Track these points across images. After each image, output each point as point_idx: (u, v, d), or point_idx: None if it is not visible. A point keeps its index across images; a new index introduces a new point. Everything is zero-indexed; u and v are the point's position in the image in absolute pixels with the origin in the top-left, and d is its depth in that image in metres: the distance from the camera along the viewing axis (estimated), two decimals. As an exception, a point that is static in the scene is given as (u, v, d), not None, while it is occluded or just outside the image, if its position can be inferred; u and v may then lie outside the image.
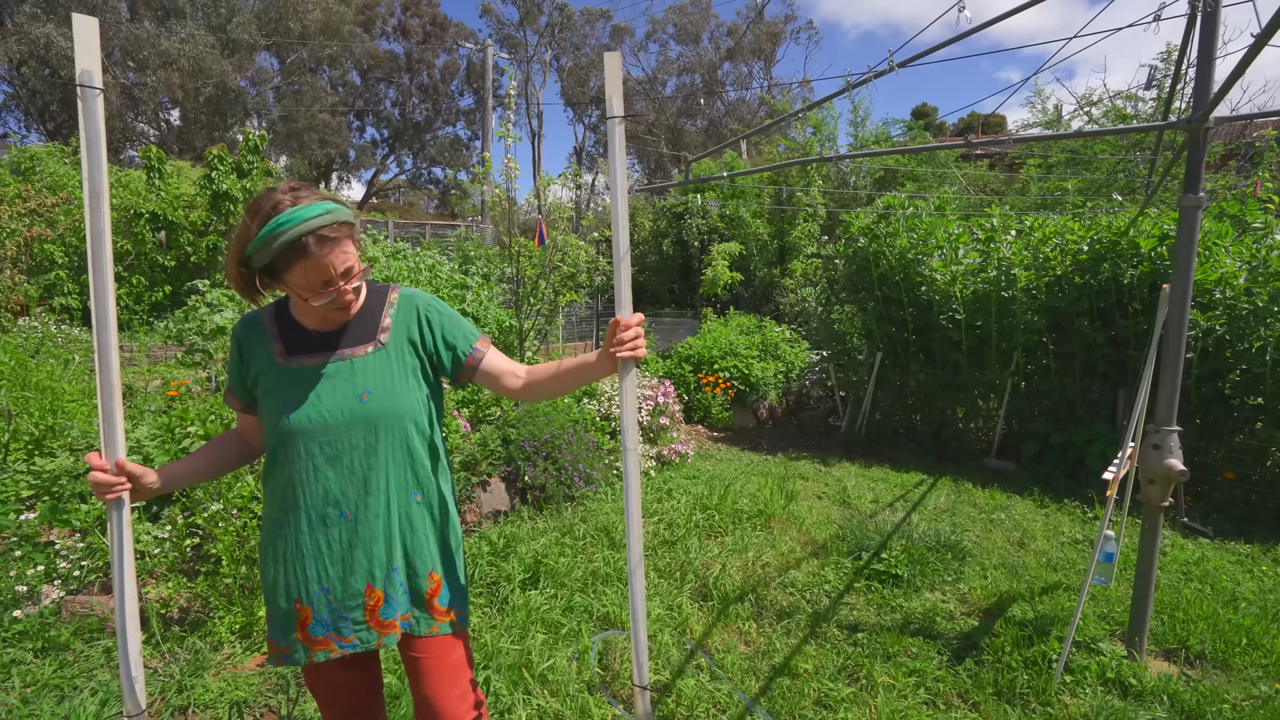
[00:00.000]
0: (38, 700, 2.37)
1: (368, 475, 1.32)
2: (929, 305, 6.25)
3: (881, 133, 13.21)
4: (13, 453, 3.47)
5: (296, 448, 1.30)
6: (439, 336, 1.42)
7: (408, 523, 1.37)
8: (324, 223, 1.21)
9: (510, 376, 1.45)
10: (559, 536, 3.68)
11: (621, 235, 1.33)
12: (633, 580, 1.39)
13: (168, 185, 9.93)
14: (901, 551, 3.57)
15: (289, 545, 1.33)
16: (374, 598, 1.33)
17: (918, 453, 6.36)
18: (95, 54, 1.22)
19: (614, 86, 1.31)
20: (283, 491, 1.33)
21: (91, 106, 1.21)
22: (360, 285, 1.32)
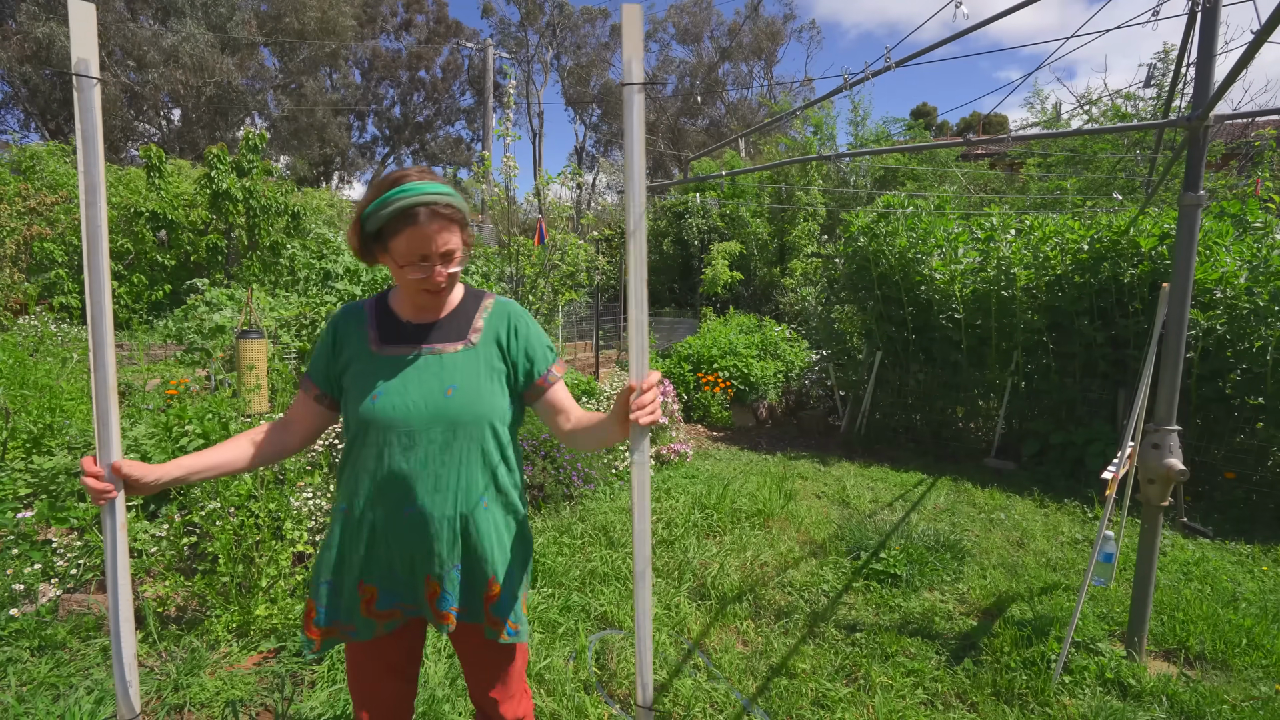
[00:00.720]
0: (33, 698, 2.37)
1: (440, 472, 1.32)
2: (929, 304, 6.24)
3: (881, 132, 13.19)
4: (10, 451, 3.47)
5: (375, 435, 1.31)
6: (523, 347, 1.42)
7: (474, 526, 1.36)
8: (440, 200, 1.25)
9: (566, 416, 1.45)
10: (557, 535, 3.67)
11: (636, 206, 1.26)
12: (639, 599, 1.35)
13: (168, 184, 9.93)
14: (900, 551, 3.56)
15: (356, 530, 1.34)
16: (431, 588, 1.35)
17: (917, 452, 6.35)
18: (92, 42, 1.17)
19: (634, 48, 1.18)
20: (356, 478, 1.34)
21: (88, 98, 1.17)
22: (454, 275, 1.33)
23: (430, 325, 1.40)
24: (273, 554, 2.89)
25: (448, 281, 1.33)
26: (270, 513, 2.95)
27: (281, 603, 2.84)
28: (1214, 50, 2.31)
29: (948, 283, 6.04)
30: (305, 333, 5.26)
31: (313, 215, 10.86)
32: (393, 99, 32.69)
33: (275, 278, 9.32)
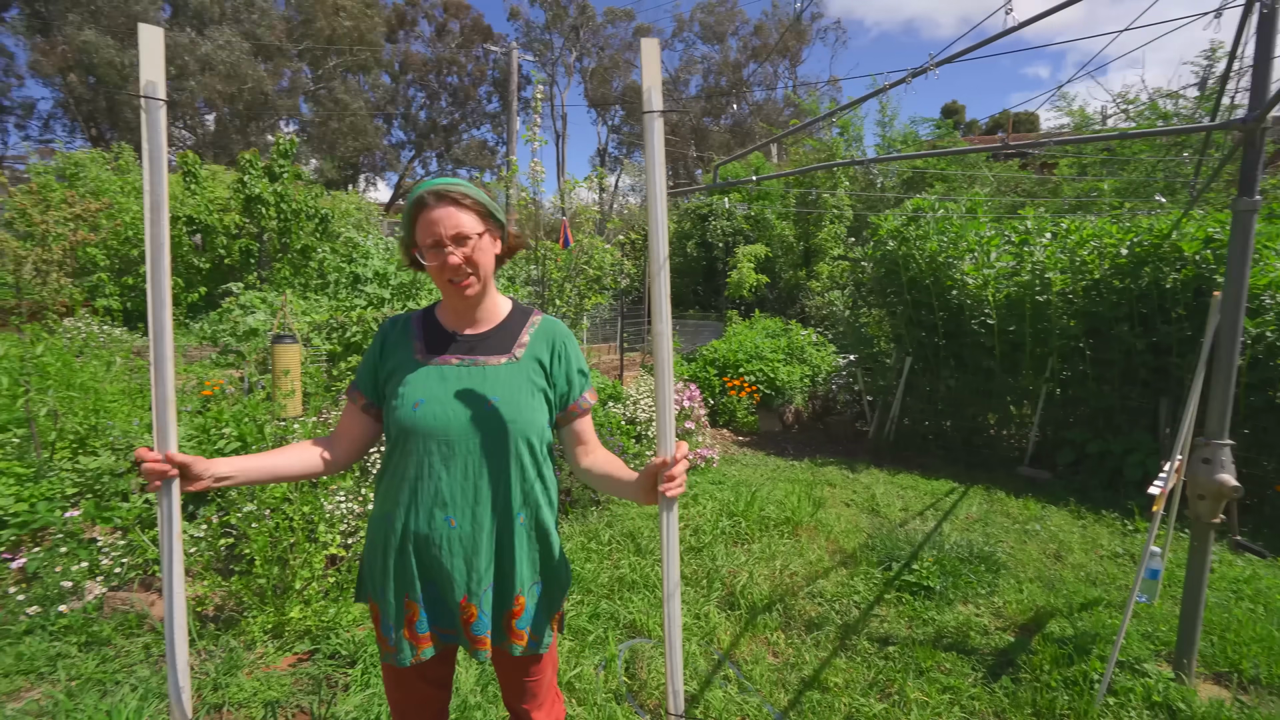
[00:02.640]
0: (81, 694, 2.44)
1: (479, 484, 1.33)
2: (960, 309, 6.12)
3: (910, 133, 12.99)
4: (59, 451, 3.57)
5: (416, 443, 1.32)
6: (565, 370, 1.44)
7: (509, 540, 1.37)
8: (446, 186, 1.30)
9: (586, 449, 1.48)
10: (585, 542, 3.67)
11: (660, 239, 1.27)
12: (669, 608, 1.34)
13: (203, 189, 10.18)
14: (933, 563, 3.49)
15: (397, 541, 1.34)
16: (469, 612, 1.35)
17: (948, 460, 6.23)
18: (160, 65, 1.20)
19: (652, 78, 1.22)
20: (397, 485, 1.35)
21: (155, 118, 1.19)
22: (477, 264, 1.33)
23: (476, 337, 1.41)
24: (307, 556, 2.93)
25: (468, 267, 1.32)
26: (304, 515, 3.00)
27: (315, 605, 2.88)
28: (1273, 51, 2.22)
29: (980, 287, 5.92)
30: (335, 336, 5.34)
31: (341, 218, 11.04)
32: (420, 102, 33.15)
33: (305, 280, 9.49)
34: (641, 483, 1.31)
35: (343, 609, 2.87)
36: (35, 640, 2.73)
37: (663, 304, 1.29)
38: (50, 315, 5.25)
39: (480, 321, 1.42)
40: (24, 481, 3.19)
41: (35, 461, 3.38)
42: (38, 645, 2.69)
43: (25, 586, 2.93)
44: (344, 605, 2.91)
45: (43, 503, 3.13)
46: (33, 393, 3.53)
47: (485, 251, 1.35)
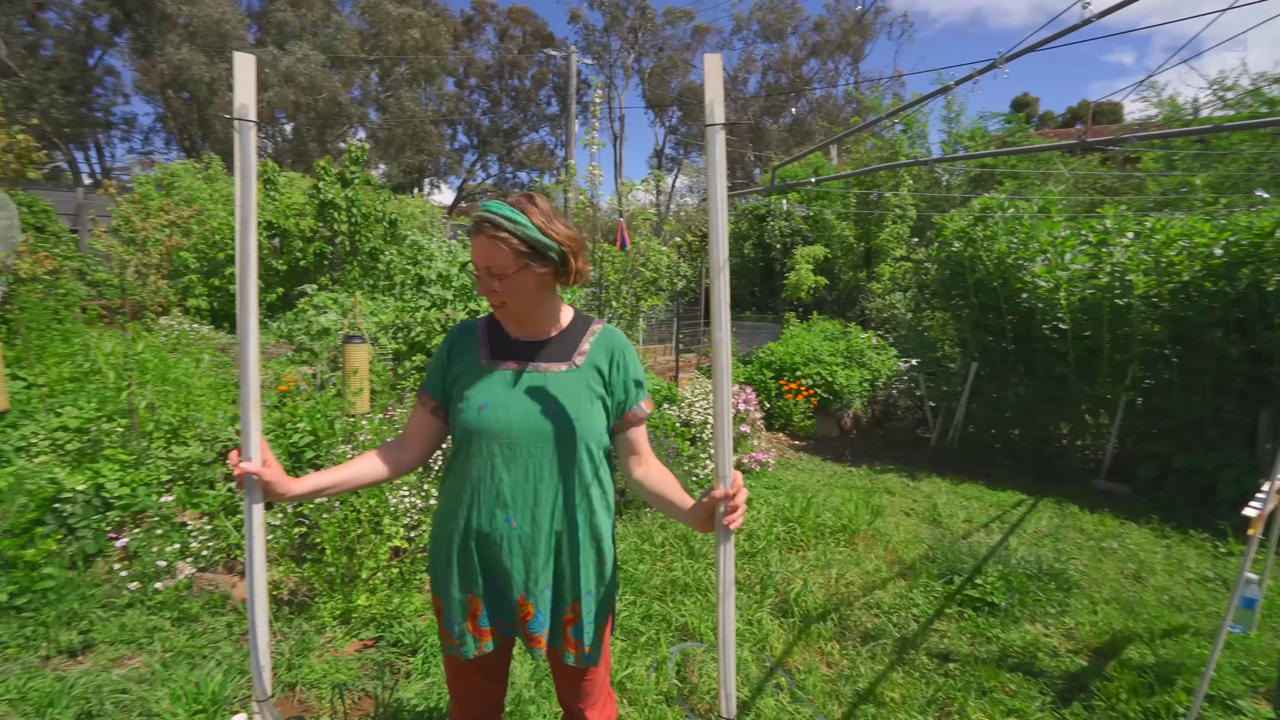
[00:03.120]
0: (174, 665, 2.63)
1: (539, 487, 1.37)
2: (1030, 313, 5.83)
3: (978, 128, 12.45)
4: (155, 440, 3.87)
5: (479, 444, 1.37)
6: (623, 379, 1.46)
7: (567, 544, 1.40)
8: (489, 216, 1.32)
9: (640, 459, 1.49)
10: (638, 543, 3.70)
11: (720, 247, 1.28)
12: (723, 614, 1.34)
13: (281, 195, 10.79)
14: (999, 578, 3.35)
15: (459, 539, 1.40)
16: (525, 610, 1.40)
17: (1015, 470, 5.95)
18: (252, 89, 1.29)
19: (715, 91, 1.24)
20: (460, 485, 1.40)
21: (246, 139, 1.28)
22: (508, 295, 1.37)
23: (538, 344, 1.45)
24: (372, 547, 3.07)
25: (499, 297, 1.37)
26: (371, 509, 3.14)
27: (380, 594, 3.01)
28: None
29: (1053, 290, 5.62)
30: (401, 336, 5.57)
31: (407, 222, 11.48)
32: (483, 108, 34.07)
33: (374, 282, 9.93)
34: (699, 512, 1.32)
35: (405, 599, 3.00)
36: (135, 613, 2.97)
37: (722, 312, 1.29)
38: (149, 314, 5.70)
39: (542, 330, 1.46)
40: (126, 468, 3.48)
41: (136, 449, 3.67)
42: (137, 618, 2.93)
43: (127, 564, 3.20)
44: (406, 596, 3.04)
45: (142, 488, 3.40)
46: (134, 386, 3.84)
47: (518, 289, 1.36)
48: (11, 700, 2.42)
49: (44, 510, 3.22)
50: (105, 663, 2.69)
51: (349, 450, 3.45)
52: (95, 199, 13.08)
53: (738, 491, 1.26)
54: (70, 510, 3.24)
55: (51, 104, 21.41)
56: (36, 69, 21.72)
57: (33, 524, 3.20)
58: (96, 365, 4.65)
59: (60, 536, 3.20)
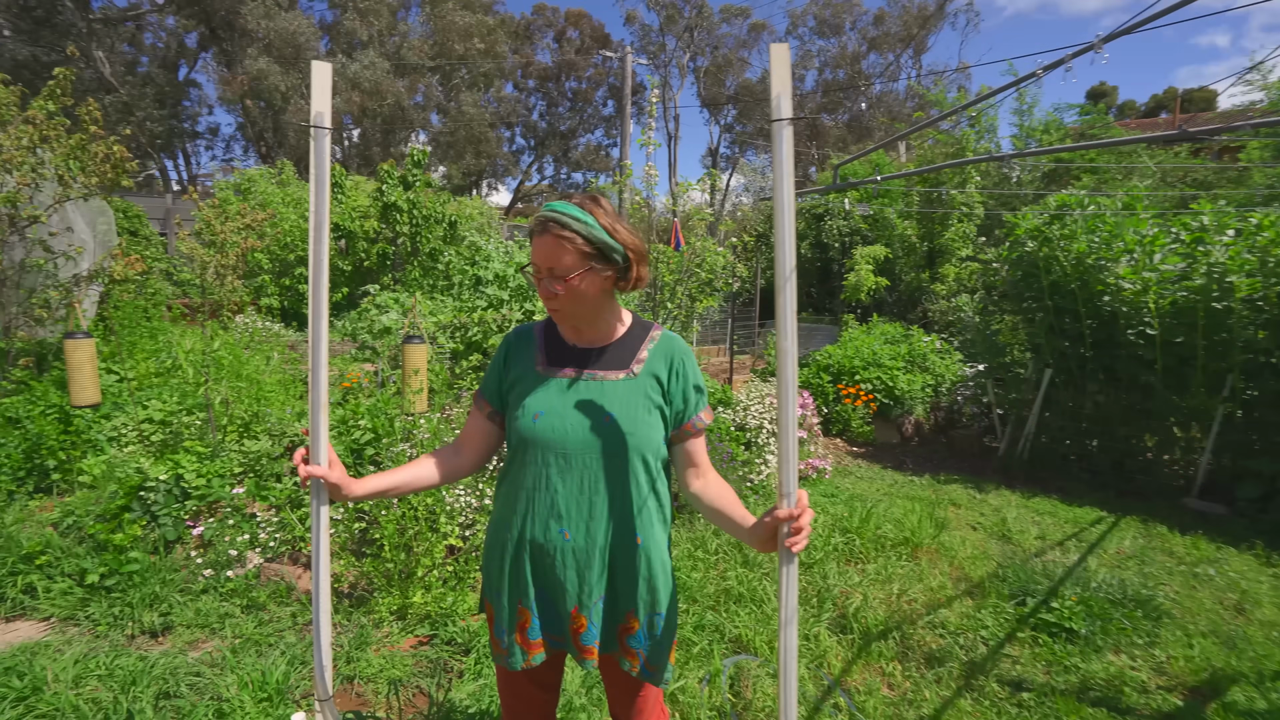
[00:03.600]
0: (243, 652, 2.75)
1: (594, 499, 1.34)
2: (1112, 317, 5.45)
3: (1052, 120, 11.78)
4: (228, 434, 4.06)
5: (534, 453, 1.35)
6: (682, 388, 1.41)
7: (623, 558, 1.37)
8: (553, 215, 1.27)
9: (698, 471, 1.44)
10: (691, 549, 3.64)
11: (788, 249, 1.19)
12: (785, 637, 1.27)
13: (347, 198, 11.22)
14: (1078, 602, 3.12)
15: (513, 549, 1.38)
16: (578, 622, 1.37)
17: (1093, 485, 5.58)
18: (328, 97, 1.29)
19: (782, 83, 1.15)
20: (514, 494, 1.38)
21: (321, 146, 1.29)
22: (568, 298, 1.32)
23: (595, 350, 1.41)
24: (429, 545, 3.13)
25: (559, 300, 1.32)
26: (428, 507, 3.20)
27: (435, 591, 3.06)
28: None
29: (1139, 293, 5.23)
30: (458, 335, 5.68)
31: (466, 223, 11.76)
32: (541, 110, 34.62)
33: (433, 282, 10.21)
34: (759, 531, 1.25)
35: (459, 598, 3.03)
36: (209, 599, 3.11)
37: (788, 320, 1.20)
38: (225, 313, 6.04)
39: (599, 336, 1.42)
40: (203, 459, 3.66)
41: (212, 442, 3.87)
42: (211, 604, 3.07)
43: (202, 551, 3.36)
44: (460, 594, 3.07)
45: (216, 479, 3.57)
46: (210, 382, 4.04)
47: (581, 292, 1.31)
48: (100, 676, 2.57)
49: (131, 497, 3.43)
50: (182, 645, 2.83)
51: (407, 448, 3.52)
52: (182, 204, 13.95)
53: (802, 512, 1.19)
54: (153, 498, 3.43)
55: (146, 116, 23.00)
56: (134, 85, 23.40)
57: (121, 510, 3.41)
58: (178, 361, 4.93)
59: (144, 523, 3.40)
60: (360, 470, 3.67)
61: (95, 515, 3.40)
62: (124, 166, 4.52)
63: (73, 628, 2.98)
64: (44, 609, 3.06)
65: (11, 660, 2.62)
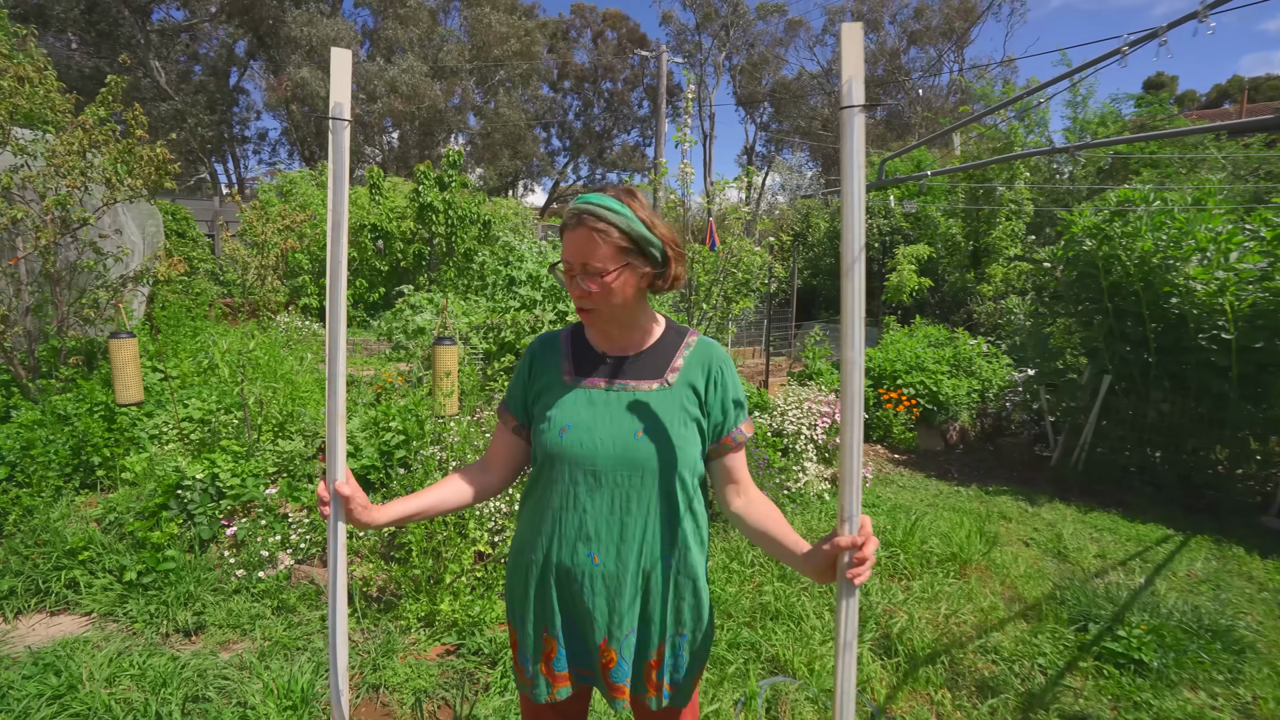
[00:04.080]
0: (271, 655, 2.73)
1: (625, 520, 1.23)
2: (1180, 320, 5.09)
3: (1109, 112, 11.21)
4: (263, 434, 4.09)
5: (561, 471, 1.25)
6: (720, 398, 1.29)
7: (656, 585, 1.26)
8: (593, 208, 1.17)
9: (739, 489, 1.32)
10: (726, 561, 3.50)
11: (856, 243, 1.06)
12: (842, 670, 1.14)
13: (385, 199, 11.39)
14: (1147, 631, 2.88)
15: (538, 572, 1.29)
16: (607, 656, 1.27)
17: (1157, 499, 5.23)
18: (348, 86, 1.20)
19: (854, 66, 1.02)
20: (540, 513, 1.29)
21: (340, 139, 1.18)
22: (603, 297, 1.21)
23: (626, 359, 1.31)
24: (457, 551, 3.07)
25: (591, 300, 1.21)
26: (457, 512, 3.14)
27: (463, 599, 3.00)
28: None
29: (1213, 295, 4.88)
30: (491, 336, 5.65)
31: (500, 223, 11.81)
32: (576, 111, 34.78)
33: (467, 282, 10.27)
34: (815, 560, 1.12)
35: (487, 606, 2.96)
36: (241, 599, 3.12)
37: (855, 326, 1.07)
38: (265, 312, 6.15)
39: (630, 343, 1.31)
40: (238, 459, 3.68)
41: (247, 442, 3.89)
42: (243, 604, 3.07)
43: (235, 551, 3.37)
44: (489, 602, 3.00)
45: (250, 479, 3.58)
46: (246, 383, 4.07)
47: (617, 288, 1.20)
48: (133, 676, 2.58)
49: (169, 496, 3.46)
50: (213, 645, 2.83)
51: (437, 451, 3.48)
52: (228, 207, 14.38)
53: (866, 540, 1.05)
54: (190, 497, 3.46)
55: (199, 123, 23.87)
56: (187, 92, 24.32)
57: (159, 508, 3.45)
58: (214, 361, 5.01)
59: (181, 521, 3.43)
60: (390, 472, 3.64)
61: (135, 513, 3.44)
62: (166, 168, 4.61)
63: (111, 624, 3.02)
64: (85, 604, 3.10)
65: (51, 657, 2.65)
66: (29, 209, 4.38)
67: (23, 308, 4.69)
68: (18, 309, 4.67)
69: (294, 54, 23.73)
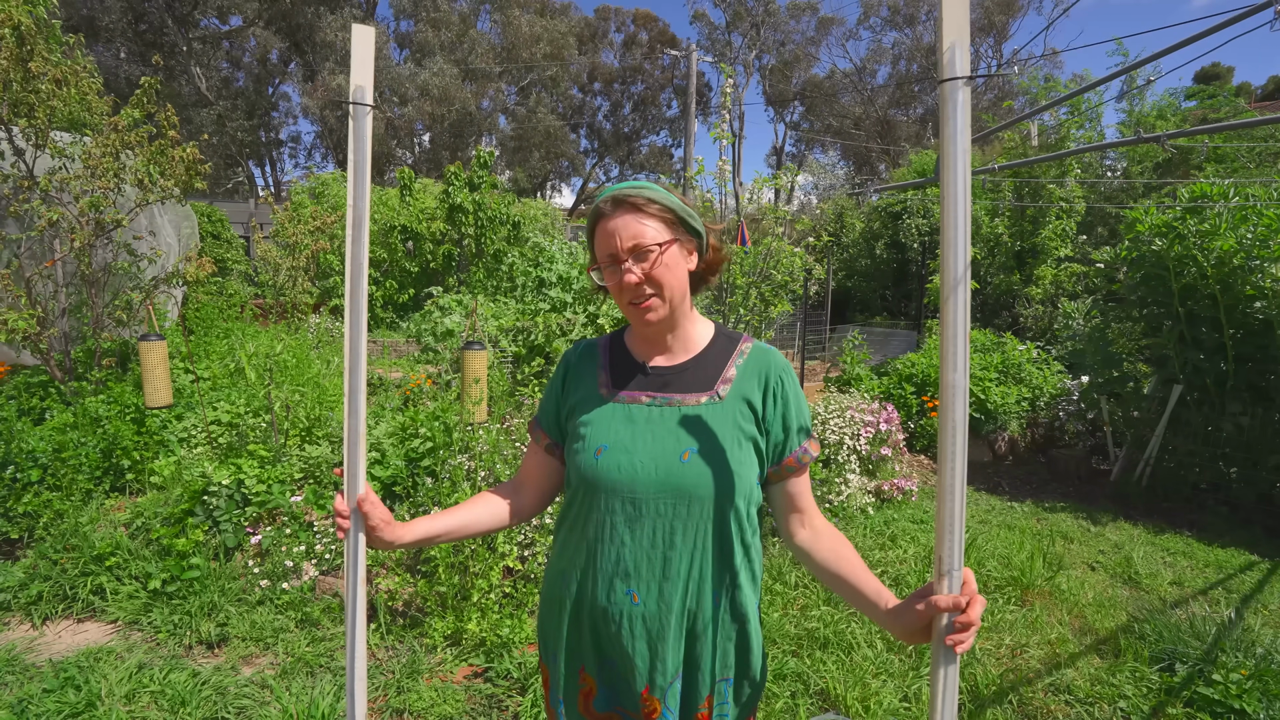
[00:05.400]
0: (293, 673, 2.61)
1: (669, 555, 1.07)
2: (1265, 327, 4.70)
3: (1169, 104, 10.66)
4: (290, 439, 4.01)
5: (596, 499, 1.10)
6: (781, 413, 1.12)
7: (704, 628, 1.09)
8: (628, 191, 1.07)
9: (802, 517, 1.15)
10: (768, 582, 3.29)
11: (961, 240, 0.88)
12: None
13: (416, 201, 11.40)
14: (1248, 676, 2.58)
15: (571, 608, 1.14)
16: (650, 705, 1.10)
17: (1235, 521, 4.84)
18: (369, 68, 1.06)
19: (957, 31, 0.85)
20: (575, 543, 1.14)
21: (361, 126, 1.05)
22: (659, 282, 1.07)
23: (670, 370, 1.14)
24: (485, 566, 2.92)
25: (649, 287, 1.05)
26: (485, 525, 2.99)
27: (491, 617, 2.85)
28: None
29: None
30: (520, 339, 5.52)
31: (530, 224, 11.73)
32: (605, 112, 34.76)
33: (496, 284, 10.20)
34: (904, 618, 0.93)
35: (516, 626, 2.80)
36: (265, 611, 3.02)
37: (959, 341, 0.88)
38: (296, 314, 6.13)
39: (675, 350, 1.15)
40: (264, 464, 3.60)
41: (274, 446, 3.81)
42: (266, 616, 2.97)
43: (260, 561, 3.28)
44: (518, 622, 2.85)
45: (276, 485, 3.49)
46: (272, 387, 3.99)
47: (672, 268, 1.07)
48: (153, 693, 2.49)
49: (195, 502, 3.39)
50: (236, 659, 2.73)
51: (466, 460, 3.33)
52: (263, 209, 14.61)
53: (971, 600, 0.86)
54: (215, 503, 3.37)
55: (238, 128, 24.45)
56: (228, 98, 24.94)
57: (185, 514, 3.37)
58: (241, 364, 4.97)
59: (206, 528, 3.35)
60: (417, 480, 3.51)
61: (161, 519, 3.38)
62: (197, 169, 4.57)
63: (136, 633, 2.95)
64: (111, 612, 3.05)
65: (72, 669, 2.58)
66: (65, 211, 4.38)
67: (59, 309, 4.70)
68: (55, 310, 4.68)
69: (329, 60, 24.14)
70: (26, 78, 4.30)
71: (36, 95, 4.36)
